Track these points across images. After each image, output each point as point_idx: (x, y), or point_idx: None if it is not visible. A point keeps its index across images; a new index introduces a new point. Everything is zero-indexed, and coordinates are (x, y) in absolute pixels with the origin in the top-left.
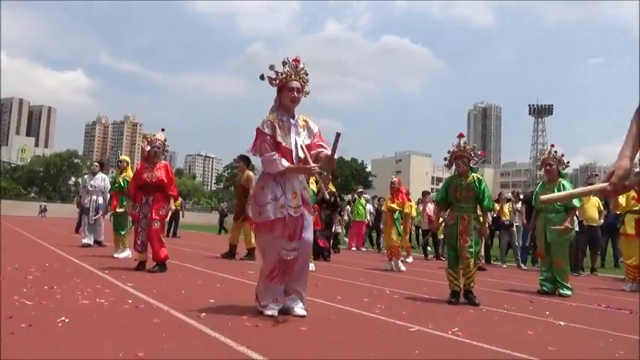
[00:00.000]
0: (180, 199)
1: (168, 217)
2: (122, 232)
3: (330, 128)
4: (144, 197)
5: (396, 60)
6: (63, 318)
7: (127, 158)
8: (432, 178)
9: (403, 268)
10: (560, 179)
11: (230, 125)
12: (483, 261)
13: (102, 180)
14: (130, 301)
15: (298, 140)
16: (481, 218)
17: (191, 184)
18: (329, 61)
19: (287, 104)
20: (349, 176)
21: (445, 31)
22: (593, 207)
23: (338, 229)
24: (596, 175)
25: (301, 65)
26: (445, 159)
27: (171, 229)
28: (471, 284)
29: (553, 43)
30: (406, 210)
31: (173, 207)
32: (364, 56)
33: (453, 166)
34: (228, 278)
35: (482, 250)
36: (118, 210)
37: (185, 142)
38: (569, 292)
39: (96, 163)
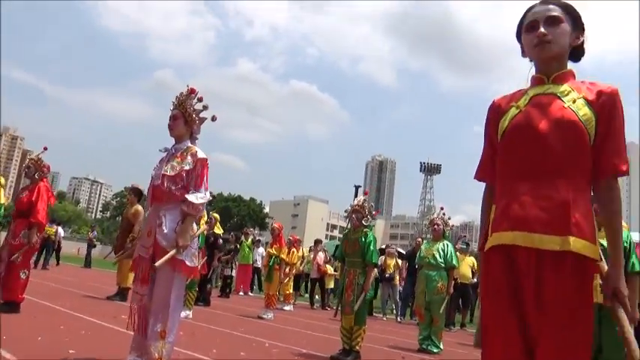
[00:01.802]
0: (56, 226)
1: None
2: None
3: (232, 165)
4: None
5: (304, 106)
6: None
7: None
8: (328, 224)
9: (268, 316)
10: (444, 240)
11: (127, 150)
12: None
13: None
14: None
15: (165, 169)
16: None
17: (72, 209)
18: (238, 99)
19: None
20: (246, 216)
21: (352, 85)
22: (466, 265)
23: (232, 272)
24: (465, 235)
25: (192, 95)
26: (346, 211)
27: (42, 260)
28: (355, 344)
29: (446, 107)
30: (282, 256)
31: (35, 237)
32: (273, 98)
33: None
34: (96, 323)
35: None
36: None
37: (72, 162)
38: (436, 350)
39: None
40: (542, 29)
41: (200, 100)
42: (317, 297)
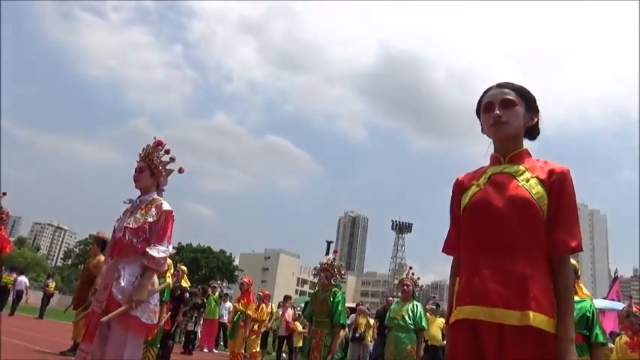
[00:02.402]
0: (16, 275)
1: None
2: None
3: (203, 216)
4: None
5: (278, 159)
6: None
7: None
8: (298, 279)
9: None
10: (413, 300)
11: (95, 198)
12: None
13: None
14: None
15: (128, 221)
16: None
17: (32, 256)
18: (211, 149)
19: None
20: (214, 268)
21: (325, 141)
22: (437, 327)
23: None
24: (435, 296)
25: (159, 147)
26: (315, 269)
27: None
28: None
29: (417, 168)
30: (248, 312)
31: None
32: (247, 150)
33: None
34: None
35: None
36: None
37: (36, 207)
38: None
39: None
40: (497, 111)
41: (167, 152)
42: (284, 355)
